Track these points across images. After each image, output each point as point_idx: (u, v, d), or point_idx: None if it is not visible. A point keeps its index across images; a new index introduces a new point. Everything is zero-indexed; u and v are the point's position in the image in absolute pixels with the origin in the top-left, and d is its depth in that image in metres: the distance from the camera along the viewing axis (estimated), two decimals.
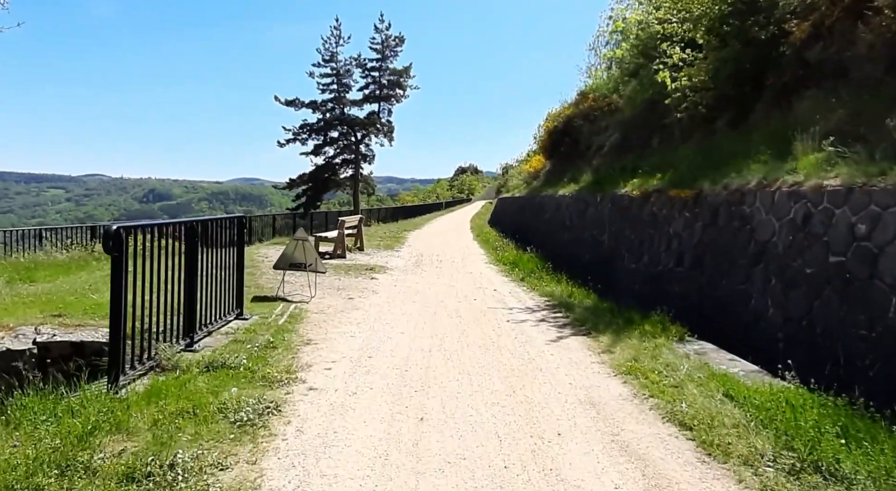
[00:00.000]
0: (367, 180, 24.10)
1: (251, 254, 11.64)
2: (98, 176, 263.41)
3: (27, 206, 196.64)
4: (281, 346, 4.85)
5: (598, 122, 19.11)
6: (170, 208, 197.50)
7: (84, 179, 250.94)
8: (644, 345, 5.21)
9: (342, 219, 12.02)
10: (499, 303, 7.73)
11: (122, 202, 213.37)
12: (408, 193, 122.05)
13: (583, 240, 12.16)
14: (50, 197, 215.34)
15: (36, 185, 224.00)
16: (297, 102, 21.86)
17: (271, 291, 7.48)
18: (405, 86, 23.00)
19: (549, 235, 15.66)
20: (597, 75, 30.83)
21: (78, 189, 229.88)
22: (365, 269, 10.47)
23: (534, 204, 20.93)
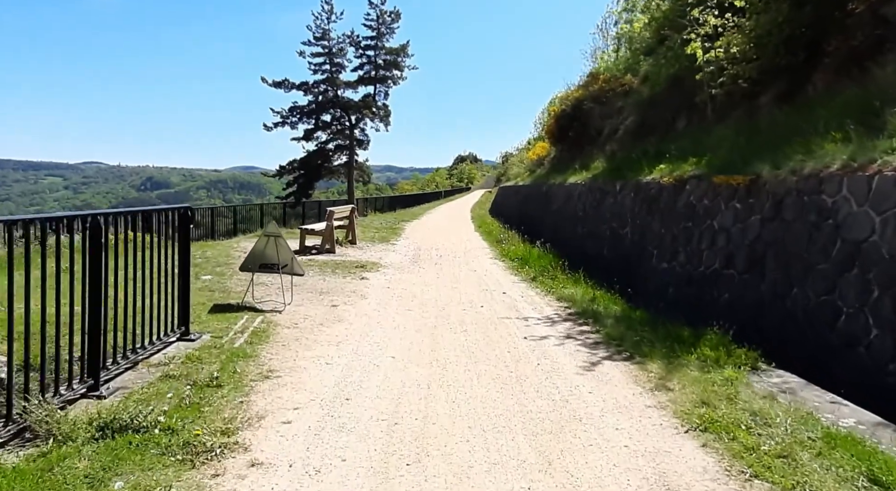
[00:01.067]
0: (363, 168, 22.64)
1: (228, 249, 10.38)
2: (96, 164, 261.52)
3: (25, 194, 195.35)
4: (229, 382, 3.61)
5: (610, 104, 17.75)
6: (168, 196, 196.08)
7: (82, 167, 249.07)
8: (709, 378, 3.98)
9: (331, 210, 10.75)
10: (511, 310, 6.49)
11: (119, 190, 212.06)
12: (406, 182, 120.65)
13: (599, 233, 10.90)
14: (48, 185, 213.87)
15: (34, 173, 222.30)
16: (286, 84, 20.09)
17: (239, 296, 6.23)
18: (402, 66, 21.41)
19: (559, 227, 14.39)
20: (604, 58, 29.42)
21: (76, 177, 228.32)
22: (355, 266, 9.21)
23: (540, 193, 19.63)
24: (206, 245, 10.96)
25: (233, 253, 9.89)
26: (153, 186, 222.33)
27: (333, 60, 19.99)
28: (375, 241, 13.84)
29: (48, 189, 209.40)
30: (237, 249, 10.47)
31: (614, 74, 19.68)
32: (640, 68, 17.23)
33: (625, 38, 25.45)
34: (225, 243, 11.48)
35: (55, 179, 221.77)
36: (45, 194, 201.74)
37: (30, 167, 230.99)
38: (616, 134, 15.42)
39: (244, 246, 11.13)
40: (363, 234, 15.07)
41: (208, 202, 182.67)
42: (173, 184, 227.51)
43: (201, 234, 13.68)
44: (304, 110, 19.70)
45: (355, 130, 20.68)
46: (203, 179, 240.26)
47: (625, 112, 16.01)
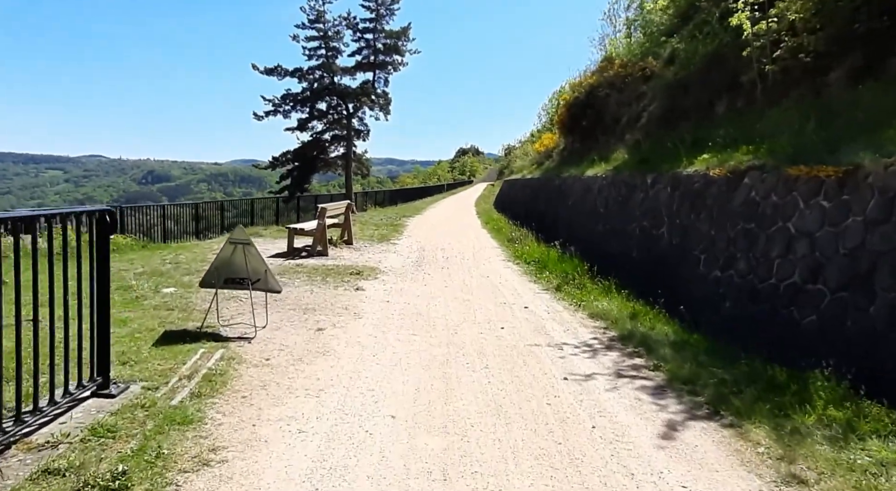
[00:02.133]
0: (361, 160, 21.08)
1: (207, 252, 9.15)
2: (97, 157, 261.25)
3: (26, 187, 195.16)
4: (142, 480, 2.38)
5: (628, 90, 16.39)
6: (169, 190, 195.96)
7: (82, 160, 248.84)
8: (851, 460, 2.74)
9: (323, 206, 9.50)
10: (538, 333, 5.26)
11: (120, 183, 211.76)
12: (408, 175, 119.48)
13: (626, 233, 9.65)
14: (49, 178, 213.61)
15: (34, 166, 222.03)
16: (278, 71, 18.29)
17: (202, 317, 5.00)
18: (403, 50, 19.88)
19: (576, 224, 13.13)
20: (615, 43, 28.03)
21: (76, 170, 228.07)
22: (350, 273, 7.97)
23: (551, 187, 18.34)
24: (184, 247, 9.75)
25: (210, 257, 8.67)
26: (154, 180, 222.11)
27: (329, 45, 18.55)
28: (374, 240, 12.61)
29: (49, 182, 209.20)
30: (213, 253, 9.26)
31: (632, 58, 18.34)
32: (661, 51, 15.88)
33: (639, 22, 24.12)
34: (206, 244, 10.26)
35: (56, 173, 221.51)
36: (46, 188, 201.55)
37: (30, 160, 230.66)
38: (638, 122, 14.10)
39: None
40: (361, 233, 13.85)
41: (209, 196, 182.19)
42: (174, 177, 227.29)
43: (180, 231, 12.47)
44: (297, 98, 18.29)
45: (353, 120, 19.30)
46: (204, 172, 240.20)
47: (647, 98, 14.68)
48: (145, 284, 6.28)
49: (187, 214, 13.62)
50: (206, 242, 10.81)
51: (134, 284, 6.22)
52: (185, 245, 10.08)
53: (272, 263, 8.38)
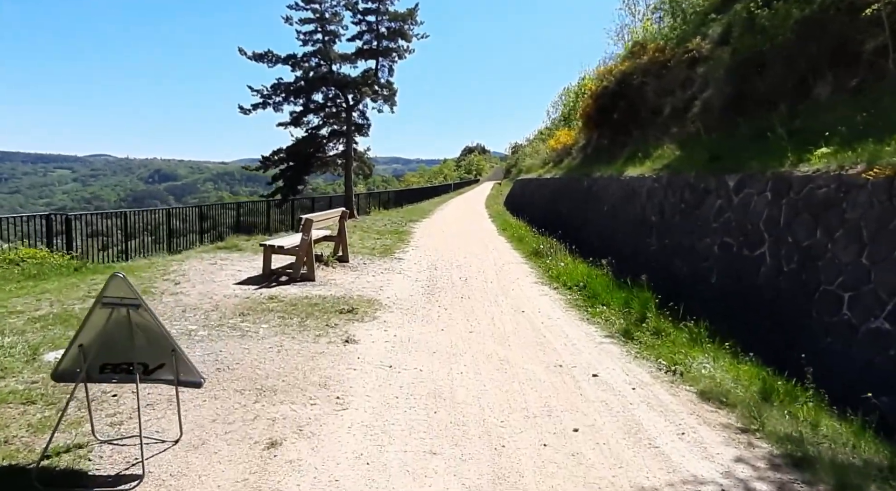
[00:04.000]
0: (363, 158, 18.66)
1: (157, 279, 7.11)
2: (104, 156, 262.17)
3: (34, 187, 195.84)
4: None
5: (671, 76, 14.20)
6: (175, 189, 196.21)
7: (90, 160, 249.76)
8: None
9: (307, 218, 7.38)
10: (637, 444, 3.14)
11: (128, 183, 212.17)
12: (413, 174, 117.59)
13: (697, 252, 7.52)
14: (57, 177, 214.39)
15: (43, 166, 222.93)
16: (269, 57, 15.82)
17: (80, 413, 2.93)
18: (409, 35, 17.02)
19: (618, 237, 11.01)
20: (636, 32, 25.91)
21: (84, 169, 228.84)
22: (340, 309, 5.88)
23: (577, 189, 16.19)
24: (136, 268, 7.69)
25: (164, 287, 6.61)
26: (161, 179, 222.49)
27: (326, 28, 16.32)
28: (376, 254, 10.52)
29: (57, 181, 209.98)
30: (173, 277, 7.21)
31: (675, 39, 16.16)
32: (708, 31, 13.68)
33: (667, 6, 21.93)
34: (172, 264, 8.22)
35: (64, 172, 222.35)
36: (55, 187, 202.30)
37: (39, 160, 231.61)
38: (688, 112, 11.93)
39: (192, 269, 7.87)
40: (361, 244, 11.78)
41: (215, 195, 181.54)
42: (181, 176, 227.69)
43: (144, 245, 10.44)
44: (290, 88, 16.03)
45: (353, 113, 17.12)
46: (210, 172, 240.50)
47: (696, 84, 12.50)
48: (23, 342, 4.23)
49: (157, 222, 11.60)
50: (175, 259, 8.77)
51: (5, 341, 4.16)
52: (138, 265, 8.04)
53: (237, 294, 6.34)
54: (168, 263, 8.17)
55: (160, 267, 7.83)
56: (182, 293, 6.26)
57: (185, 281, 6.91)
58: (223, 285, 6.81)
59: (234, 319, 5.31)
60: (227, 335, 4.81)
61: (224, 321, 5.23)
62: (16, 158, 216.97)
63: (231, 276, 7.45)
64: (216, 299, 6.06)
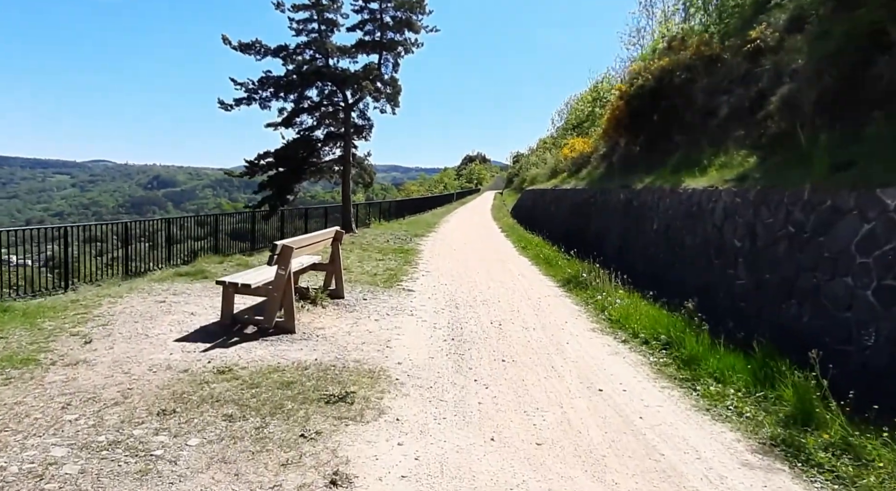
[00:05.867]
0: (363, 164, 16.46)
1: (57, 331, 5.01)
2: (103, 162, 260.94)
3: (32, 192, 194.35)
4: None
5: (724, 71, 12.23)
6: (174, 195, 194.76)
7: (89, 165, 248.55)
8: None
9: (285, 244, 5.23)
10: None
11: (126, 188, 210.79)
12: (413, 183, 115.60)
13: (830, 295, 5.42)
14: (55, 183, 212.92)
15: (41, 171, 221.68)
16: (256, 47, 13.55)
17: None
18: (418, 26, 14.85)
19: (677, 264, 8.91)
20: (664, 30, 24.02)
21: (83, 175, 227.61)
22: (324, 396, 3.75)
23: (610, 203, 14.10)
24: (45, 310, 5.57)
25: (58, 349, 4.49)
26: (160, 185, 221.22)
27: (323, 16, 14.22)
28: (378, 282, 8.41)
29: (56, 187, 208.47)
30: (90, 328, 5.09)
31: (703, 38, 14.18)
32: (770, 18, 11.69)
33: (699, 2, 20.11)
34: (89, 301, 6.10)
35: (63, 177, 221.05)
36: (53, 192, 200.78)
37: (38, 165, 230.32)
38: (758, 110, 9.91)
39: (125, 311, 5.76)
40: (360, 267, 9.67)
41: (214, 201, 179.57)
42: (180, 182, 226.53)
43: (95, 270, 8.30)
44: (280, 83, 13.81)
45: (352, 113, 15.04)
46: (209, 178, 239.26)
47: (765, 78, 10.49)
48: None
49: (110, 238, 9.49)
50: (114, 292, 6.66)
51: None
52: (52, 305, 5.90)
53: (171, 364, 4.22)
54: (98, 301, 6.05)
55: (82, 308, 5.71)
56: (86, 362, 4.15)
57: (104, 335, 4.80)
58: (158, 344, 4.70)
59: (147, 426, 3.20)
60: (112, 473, 2.69)
61: (125, 432, 3.12)
62: (14, 163, 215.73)
63: (177, 324, 5.33)
64: (135, 375, 3.95)
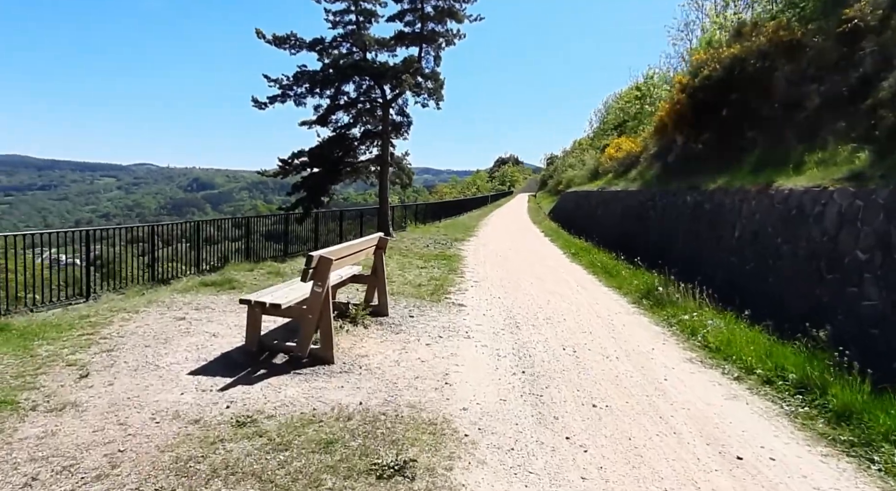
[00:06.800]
0: (402, 164, 15.45)
1: (51, 358, 4.21)
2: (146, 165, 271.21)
3: (82, 194, 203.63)
4: None
5: (812, 57, 10.76)
6: (212, 197, 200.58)
7: (133, 168, 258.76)
8: None
9: (321, 256, 4.31)
10: None
11: (168, 191, 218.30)
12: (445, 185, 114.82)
13: None
14: (102, 185, 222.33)
15: (90, 174, 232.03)
16: (291, 41, 12.83)
17: None
18: (461, 15, 13.64)
19: (771, 277, 7.58)
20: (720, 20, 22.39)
21: (128, 177, 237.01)
22: (374, 466, 2.79)
23: (674, 206, 12.75)
24: (47, 327, 4.82)
25: (45, 386, 3.68)
26: (199, 187, 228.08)
27: (361, 6, 13.49)
28: (423, 294, 7.43)
29: (102, 189, 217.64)
30: (90, 355, 4.28)
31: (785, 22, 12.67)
32: None
33: None
34: (100, 317, 5.33)
35: (109, 180, 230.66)
36: (100, 194, 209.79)
37: (86, 168, 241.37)
38: (862, 99, 8.48)
39: (136, 332, 4.96)
40: (402, 276, 8.72)
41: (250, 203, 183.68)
42: (218, 185, 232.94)
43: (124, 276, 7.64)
44: (315, 78, 13.12)
45: (391, 109, 14.20)
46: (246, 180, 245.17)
47: (868, 62, 9.03)
48: None
49: (138, 242, 8.87)
50: (131, 306, 5.91)
51: None
52: (57, 322, 5.15)
53: (180, 411, 3.29)
54: (110, 317, 5.27)
55: (90, 326, 4.93)
56: (75, 407, 3.29)
57: (106, 366, 3.96)
58: (168, 378, 3.83)
59: None
60: None
61: None
62: (65, 166, 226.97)
63: (195, 349, 4.47)
64: (132, 428, 3.06)
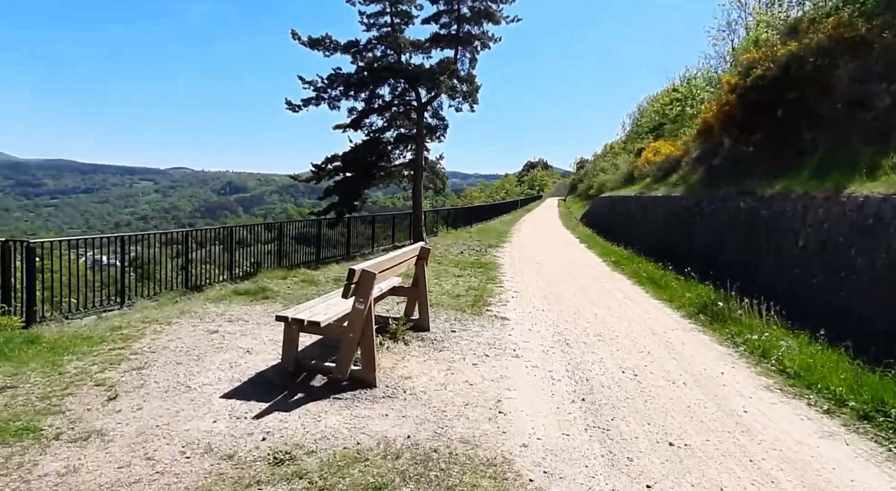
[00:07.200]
0: (435, 169, 15.15)
1: (80, 376, 3.96)
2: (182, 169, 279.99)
3: (122, 197, 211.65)
4: None
5: (876, 55, 9.95)
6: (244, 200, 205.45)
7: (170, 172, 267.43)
8: None
9: (364, 270, 3.99)
10: None
11: (202, 194, 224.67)
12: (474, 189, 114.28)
13: None
14: (141, 188, 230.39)
15: (129, 177, 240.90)
16: (326, 43, 12.72)
17: None
18: (498, 16, 13.37)
19: (842, 291, 6.88)
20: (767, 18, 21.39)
21: (165, 181, 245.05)
22: None
23: (720, 212, 12.00)
24: (80, 341, 4.62)
25: (71, 410, 3.42)
26: (232, 191, 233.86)
27: (397, 7, 13.32)
28: (463, 305, 7.02)
29: (141, 192, 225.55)
30: (119, 373, 4.04)
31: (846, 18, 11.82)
32: None
33: None
34: (132, 328, 5.12)
35: (147, 183, 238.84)
36: (139, 197, 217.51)
37: (126, 172, 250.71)
38: None
39: (168, 347, 4.73)
40: (439, 285, 8.34)
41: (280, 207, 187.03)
42: (250, 188, 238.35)
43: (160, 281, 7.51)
44: (350, 81, 13.00)
45: (425, 113, 13.92)
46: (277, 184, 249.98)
47: None
48: None
49: (173, 246, 8.77)
50: (166, 315, 5.71)
51: None
52: (90, 335, 4.94)
53: (212, 444, 2.95)
54: (142, 329, 5.05)
55: (121, 339, 4.70)
56: (101, 436, 3.00)
57: (136, 386, 3.69)
58: (200, 402, 3.52)
59: None
60: None
61: None
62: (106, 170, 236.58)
63: (228, 367, 4.18)
64: (160, 464, 2.74)
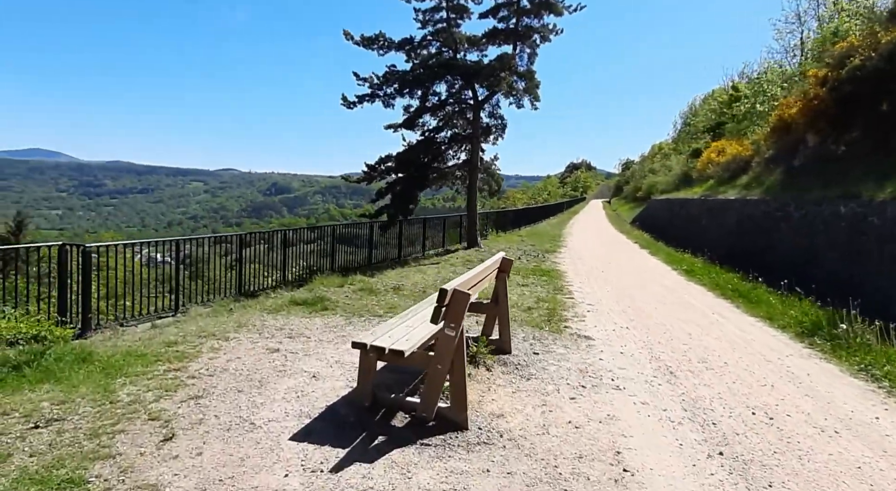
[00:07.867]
0: (490, 170, 14.39)
1: (134, 406, 3.48)
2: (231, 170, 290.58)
3: (174, 197, 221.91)
4: None
5: None
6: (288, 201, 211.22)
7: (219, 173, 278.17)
8: None
9: (457, 290, 3.39)
10: None
11: (249, 195, 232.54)
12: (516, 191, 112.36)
13: None
14: (192, 189, 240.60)
15: (181, 178, 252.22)
16: (380, 41, 12.30)
17: None
18: (559, 7, 12.49)
19: None
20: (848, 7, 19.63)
21: (214, 182, 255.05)
22: None
23: (813, 217, 10.76)
24: (129, 360, 4.23)
25: (124, 453, 2.95)
26: (277, 191, 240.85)
27: (453, 2, 12.77)
28: (538, 320, 6.31)
29: (192, 193, 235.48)
30: (176, 403, 3.58)
31: None
32: None
33: None
34: (189, 342, 4.71)
35: (198, 184, 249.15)
36: (190, 197, 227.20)
37: (178, 173, 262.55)
38: None
39: (228, 369, 4.26)
40: None
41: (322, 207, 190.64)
42: (294, 189, 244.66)
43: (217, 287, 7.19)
44: (405, 78, 12.56)
45: (481, 112, 13.26)
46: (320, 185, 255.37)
47: None
48: None
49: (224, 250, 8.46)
50: (221, 330, 5.30)
51: None
52: (144, 351, 4.55)
53: (288, 484, 2.36)
54: (199, 345, 4.62)
55: (176, 358, 4.27)
56: (158, 486, 2.50)
57: (194, 422, 3.19)
58: (267, 447, 2.98)
59: None
60: None
61: None
62: (160, 172, 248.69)
63: (295, 397, 3.65)
64: None
